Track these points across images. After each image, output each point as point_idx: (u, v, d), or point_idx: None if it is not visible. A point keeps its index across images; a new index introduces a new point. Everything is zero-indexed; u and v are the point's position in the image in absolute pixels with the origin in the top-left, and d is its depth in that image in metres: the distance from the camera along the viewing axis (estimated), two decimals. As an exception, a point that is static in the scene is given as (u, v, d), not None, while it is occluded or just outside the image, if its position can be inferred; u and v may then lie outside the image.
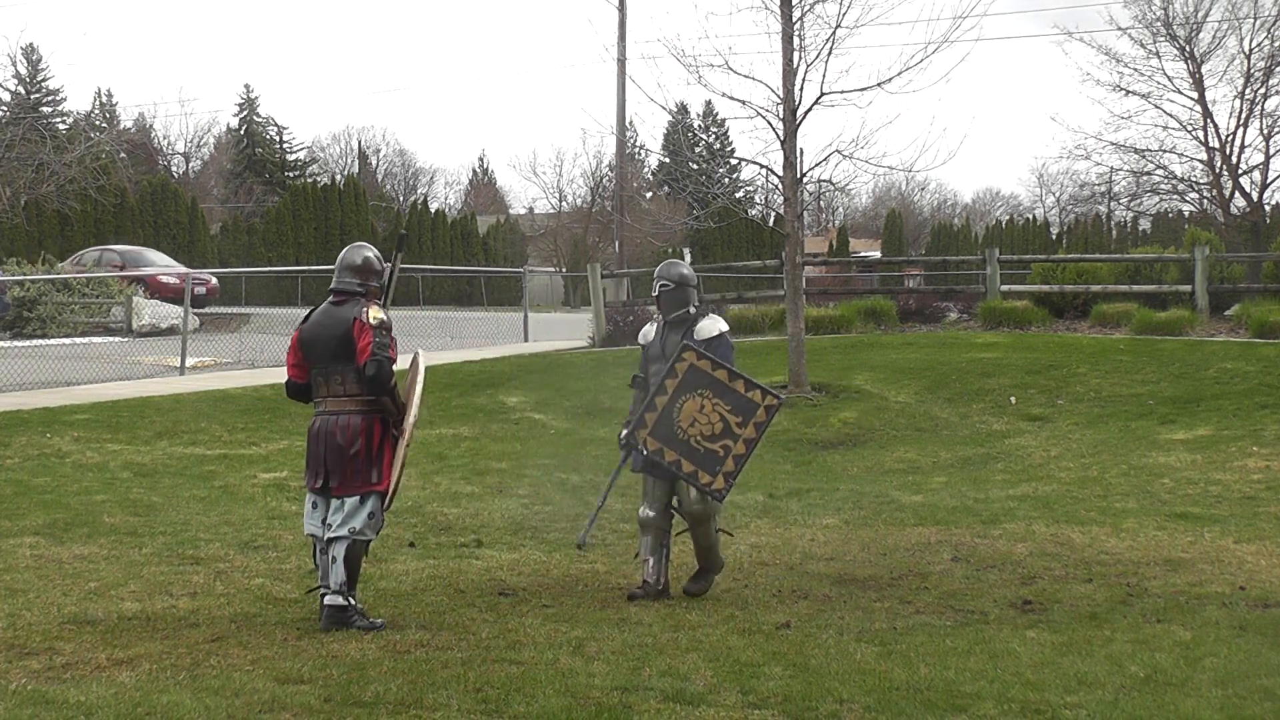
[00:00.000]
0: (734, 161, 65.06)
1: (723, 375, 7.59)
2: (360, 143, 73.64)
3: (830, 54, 15.67)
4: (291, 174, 66.33)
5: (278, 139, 69.31)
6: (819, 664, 6.15)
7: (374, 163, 73.27)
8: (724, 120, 69.02)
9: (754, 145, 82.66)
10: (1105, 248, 49.64)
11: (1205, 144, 29.01)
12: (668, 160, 51.76)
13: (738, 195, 50.74)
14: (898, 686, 5.77)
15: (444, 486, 11.58)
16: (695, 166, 46.84)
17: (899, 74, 15.75)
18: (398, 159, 75.40)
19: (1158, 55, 28.81)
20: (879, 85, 15.75)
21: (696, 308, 7.90)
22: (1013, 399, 15.19)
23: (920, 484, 11.87)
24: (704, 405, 7.56)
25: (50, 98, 61.44)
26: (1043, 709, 5.51)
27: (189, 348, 19.42)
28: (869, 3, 20.39)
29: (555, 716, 5.36)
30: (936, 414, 14.86)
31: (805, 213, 31.50)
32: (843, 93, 15.78)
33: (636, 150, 58.58)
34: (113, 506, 10.31)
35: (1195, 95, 28.79)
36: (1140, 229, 55.33)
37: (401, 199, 68.65)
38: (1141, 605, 7.45)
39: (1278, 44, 28.12)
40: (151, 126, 68.12)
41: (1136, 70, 28.82)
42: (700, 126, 70.58)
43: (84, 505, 10.31)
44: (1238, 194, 29.55)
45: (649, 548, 7.78)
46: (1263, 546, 8.99)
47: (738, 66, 15.89)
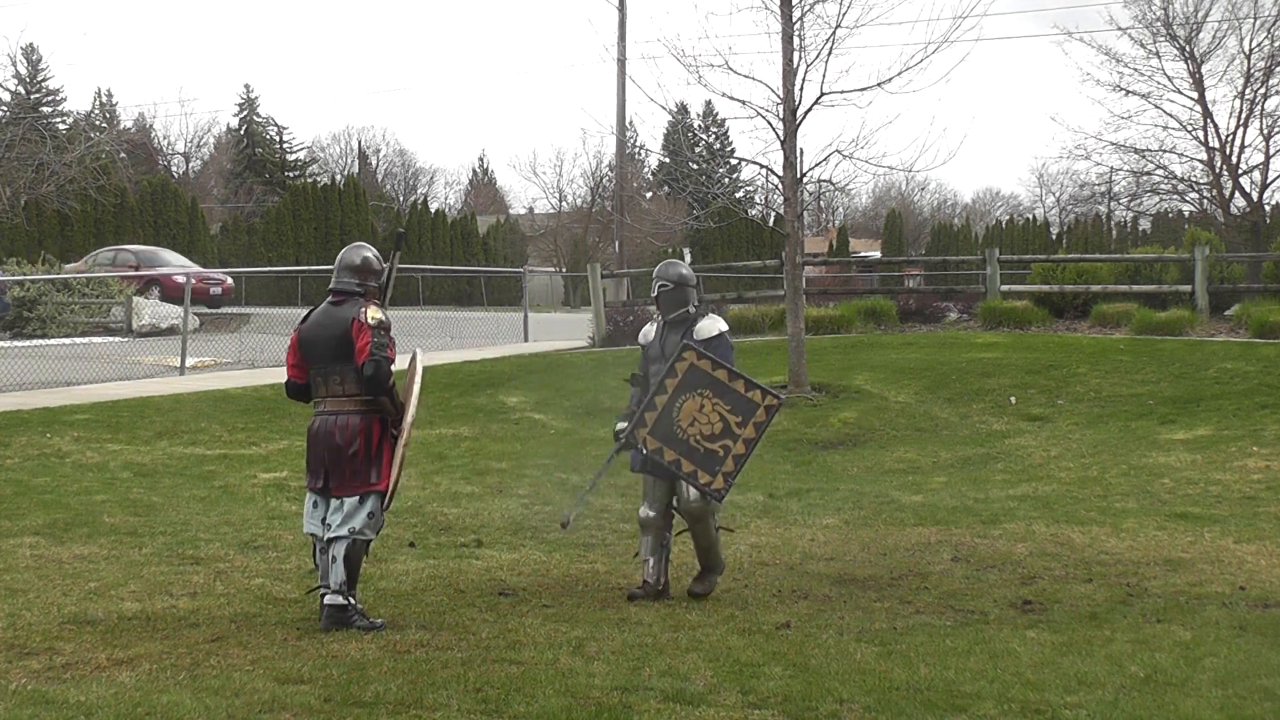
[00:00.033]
0: (734, 161, 65.09)
1: (723, 375, 7.59)
2: (360, 143, 73.76)
3: (830, 54, 15.70)
4: (291, 174, 66.33)
5: (278, 139, 69.31)
6: (819, 664, 6.15)
7: (374, 163, 73.28)
8: (724, 120, 69.08)
9: (754, 145, 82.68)
10: (1105, 248, 49.64)
11: (1205, 144, 29.02)
12: (668, 160, 51.76)
13: (738, 195, 50.71)
14: (898, 686, 5.78)
15: (444, 486, 11.58)
16: (695, 166, 46.83)
17: (899, 74, 15.79)
18: (398, 159, 75.52)
19: (1158, 55, 28.85)
20: (879, 85, 15.77)
21: (696, 307, 7.90)
22: (1013, 399, 15.20)
23: (920, 484, 11.87)
24: (704, 405, 7.56)
25: (50, 98, 61.45)
26: (1043, 709, 5.51)
27: (189, 348, 19.43)
28: (869, 3, 20.41)
29: (555, 716, 5.36)
30: (936, 414, 14.86)
31: (805, 213, 31.49)
32: (843, 93, 15.80)
33: (636, 150, 58.62)
34: (113, 506, 10.31)
35: (1195, 95, 28.80)
36: (1140, 229, 55.34)
37: (401, 199, 68.65)
38: (1141, 605, 7.45)
39: (1278, 44, 28.15)
40: (151, 126, 68.23)
41: (1136, 70, 28.86)
42: (700, 126, 70.57)
43: (84, 505, 10.31)
44: (1238, 194, 29.56)
45: (649, 548, 7.79)
46: (1263, 546, 8.99)
47: (738, 66, 15.93)
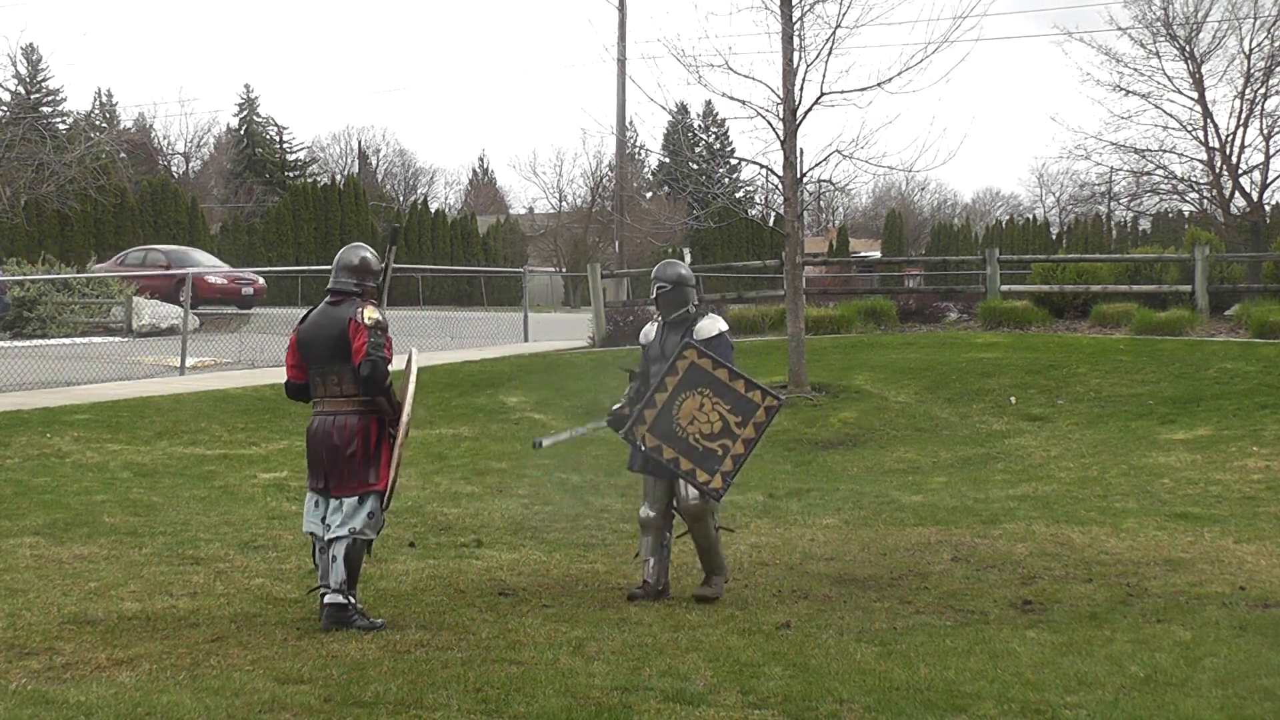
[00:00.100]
0: (734, 161, 65.16)
1: (723, 374, 7.59)
2: (360, 143, 73.78)
3: (830, 54, 15.70)
4: (291, 174, 66.32)
5: (278, 139, 69.31)
6: (819, 664, 6.15)
7: (374, 163, 73.29)
8: (724, 120, 69.11)
9: (754, 145, 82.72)
10: (1105, 248, 49.66)
11: (1205, 144, 29.01)
12: (668, 160, 51.77)
13: (738, 195, 50.75)
14: (898, 686, 5.77)
15: (444, 486, 11.58)
16: (695, 166, 46.87)
17: (899, 74, 15.79)
18: (398, 159, 75.54)
19: (1158, 55, 28.84)
20: (879, 85, 15.77)
21: (696, 307, 7.90)
22: (1013, 399, 15.19)
23: (920, 484, 11.87)
24: (703, 404, 7.56)
25: (50, 98, 61.45)
26: (1043, 709, 5.51)
27: (189, 348, 19.42)
28: (869, 3, 20.46)
29: (555, 716, 5.36)
30: (936, 414, 14.86)
31: (805, 213, 31.49)
32: (843, 93, 15.81)
33: (636, 150, 58.63)
34: (113, 506, 10.31)
35: (1195, 95, 28.79)
36: (1140, 229, 55.35)
37: (401, 199, 68.64)
38: (1141, 605, 7.45)
39: (1278, 44, 28.14)
40: (151, 126, 68.25)
41: (1136, 70, 28.85)
42: (700, 126, 70.58)
43: (84, 505, 10.31)
44: (1238, 194, 29.55)
45: (649, 548, 7.78)
46: (1263, 546, 8.99)
47: (738, 66, 15.94)
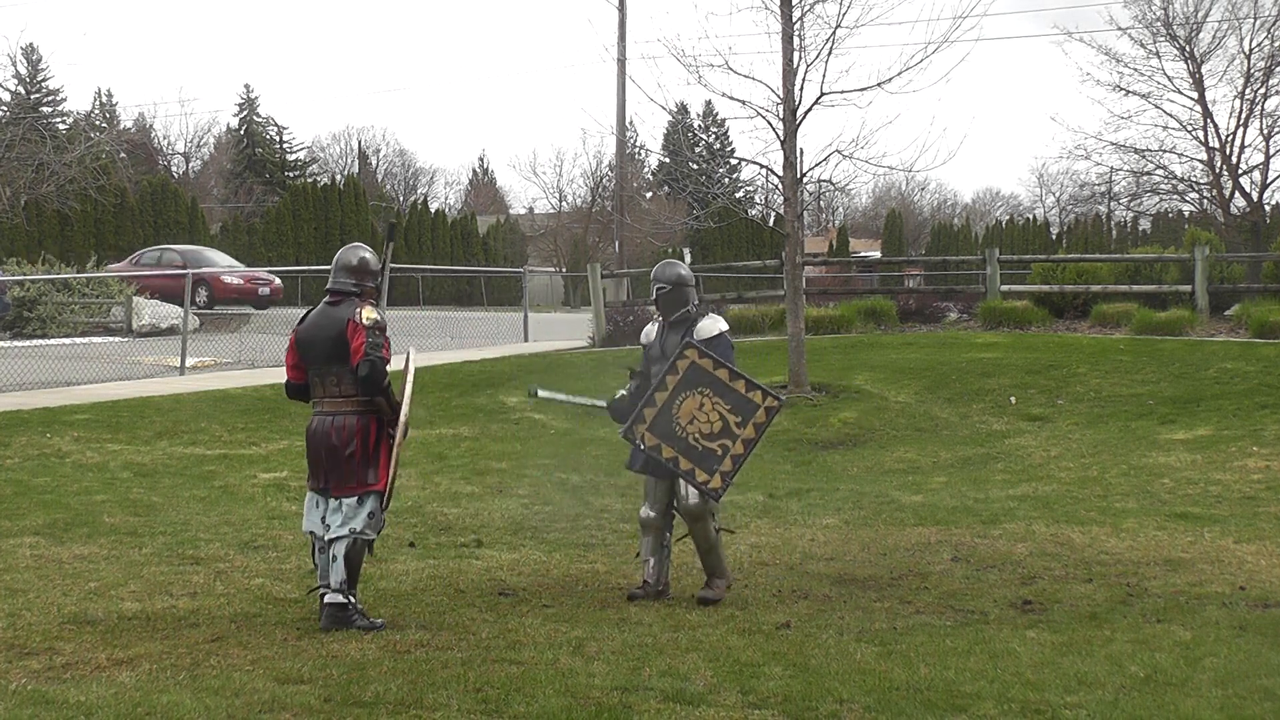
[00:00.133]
0: (734, 161, 65.17)
1: (724, 375, 7.58)
2: (360, 143, 73.77)
3: (830, 54, 15.71)
4: (291, 174, 66.31)
5: (278, 139, 69.30)
6: (819, 664, 6.15)
7: (374, 163, 73.30)
8: (724, 120, 69.14)
9: (754, 145, 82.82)
10: (1105, 248, 49.65)
11: (1205, 144, 29.01)
12: (668, 160, 51.77)
13: (738, 195, 50.76)
14: (898, 686, 5.77)
15: (444, 486, 11.57)
16: (695, 166, 46.88)
17: (899, 74, 15.80)
18: (398, 159, 75.55)
19: (1158, 55, 28.83)
20: (879, 85, 15.78)
21: (696, 306, 7.89)
22: (1013, 399, 15.19)
23: (920, 484, 11.87)
24: (703, 403, 7.55)
25: (50, 98, 61.44)
26: (1043, 709, 5.51)
27: (189, 348, 19.42)
28: (869, 3, 20.49)
29: (555, 716, 5.36)
30: (936, 414, 14.86)
31: (805, 213, 31.49)
32: (843, 93, 15.81)
33: (636, 150, 58.63)
34: (113, 506, 10.31)
35: (1195, 95, 28.79)
36: (1140, 229, 55.33)
37: (401, 199, 68.64)
38: (1141, 605, 7.45)
39: (1278, 44, 28.13)
40: (151, 126, 68.22)
41: (1136, 70, 28.85)
42: (700, 126, 70.58)
43: (84, 505, 10.31)
44: (1238, 194, 29.55)
45: (649, 548, 7.78)
46: (1263, 546, 8.99)
47: (738, 66, 15.94)
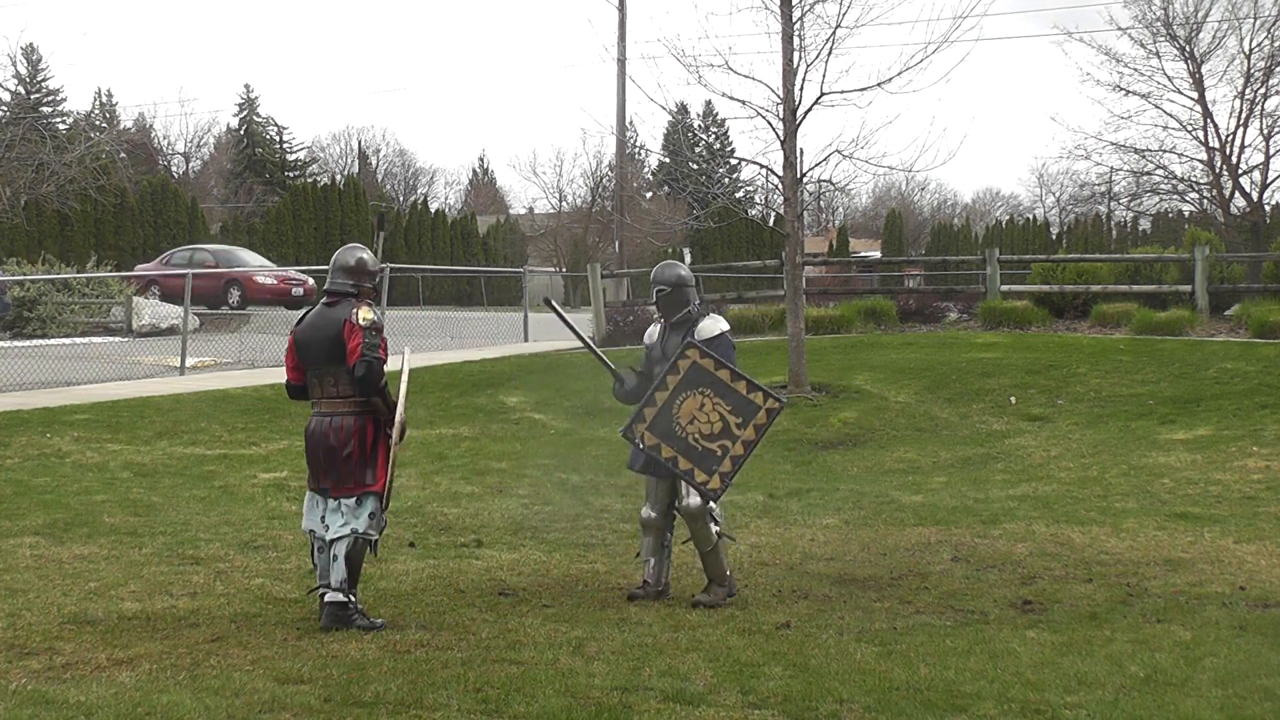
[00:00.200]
0: (734, 161, 65.15)
1: (725, 375, 7.58)
2: (360, 143, 73.79)
3: (830, 54, 15.70)
4: (291, 174, 66.32)
5: (278, 139, 69.32)
6: (819, 664, 6.15)
7: (374, 163, 73.30)
8: (724, 120, 69.16)
9: (754, 145, 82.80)
10: (1105, 248, 49.67)
11: (1205, 144, 29.02)
12: (668, 160, 51.78)
13: (738, 195, 50.74)
14: (898, 686, 5.77)
15: (444, 486, 11.57)
16: (695, 166, 46.87)
17: (899, 74, 15.79)
18: (398, 159, 75.56)
19: (1158, 55, 28.85)
20: (879, 85, 15.77)
21: (697, 307, 7.89)
22: (1013, 399, 15.19)
23: (920, 484, 11.86)
24: (704, 404, 7.55)
25: (50, 98, 61.44)
26: (1043, 709, 5.51)
27: (189, 348, 19.42)
28: (869, 3, 20.51)
29: (555, 716, 5.36)
30: (936, 414, 14.86)
31: (805, 213, 31.49)
32: (843, 93, 15.81)
33: (636, 150, 58.62)
34: (113, 506, 10.31)
35: (1195, 95, 28.80)
36: (1140, 229, 55.35)
37: (401, 199, 68.64)
38: (1141, 605, 7.45)
39: (1278, 44, 28.14)
40: (151, 126, 68.22)
41: (1136, 70, 28.86)
42: (700, 126, 70.59)
43: (84, 505, 10.31)
44: (1238, 194, 29.56)
45: (650, 548, 7.78)
46: (1263, 546, 8.99)
47: (738, 66, 15.94)
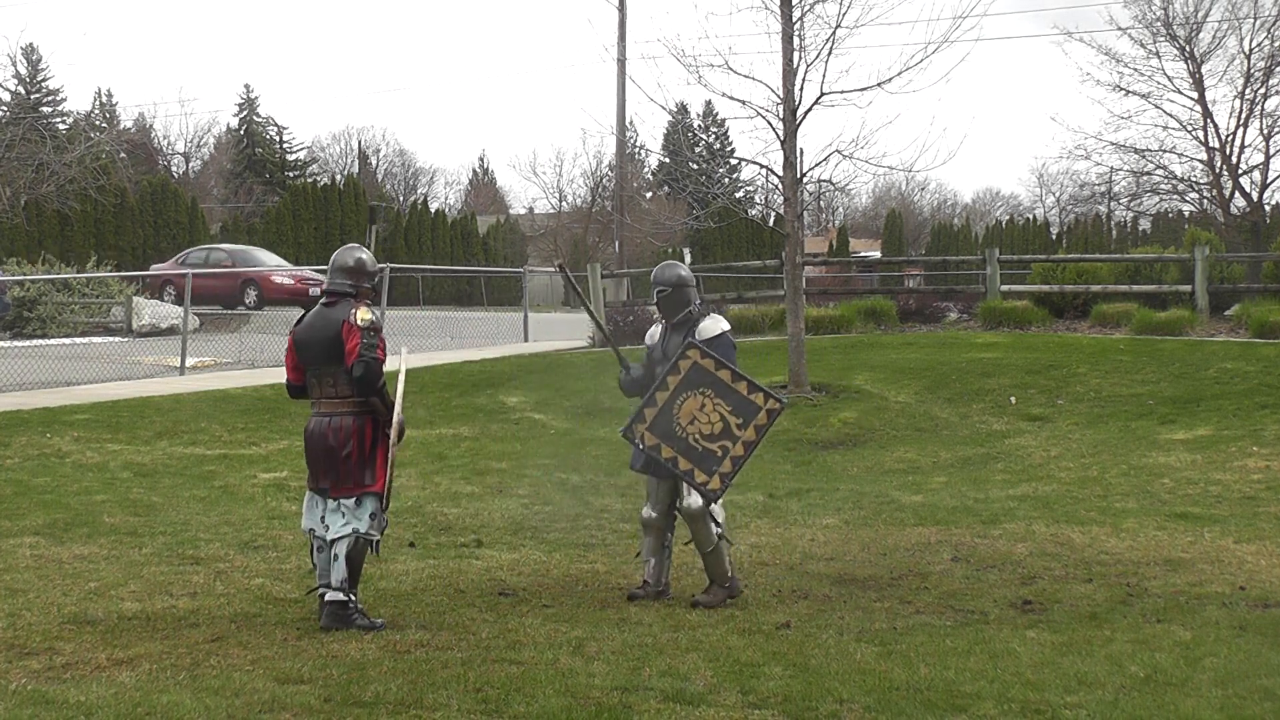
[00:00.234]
0: (734, 161, 65.07)
1: (726, 376, 7.57)
2: (360, 143, 73.76)
3: (830, 54, 15.70)
4: (291, 174, 66.31)
5: (278, 139, 69.31)
6: (819, 664, 6.15)
7: (374, 163, 73.29)
8: (724, 120, 69.17)
9: (754, 145, 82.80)
10: (1105, 248, 49.67)
11: (1205, 144, 29.01)
12: (668, 160, 51.77)
13: (738, 195, 50.71)
14: (898, 686, 5.78)
15: (444, 486, 11.57)
16: (695, 166, 46.89)
17: (899, 74, 15.78)
18: (398, 159, 75.54)
19: (1158, 55, 28.84)
20: (879, 85, 15.77)
21: (698, 307, 7.89)
22: (1013, 399, 15.19)
23: (920, 484, 11.86)
24: (704, 404, 7.55)
25: (50, 98, 61.44)
26: (1043, 709, 5.51)
27: (189, 348, 19.42)
28: (869, 3, 20.47)
29: (555, 716, 5.37)
30: (936, 414, 14.86)
31: (805, 213, 31.50)
32: (843, 93, 15.80)
33: (636, 150, 58.63)
34: (113, 506, 10.31)
35: (1195, 95, 28.80)
36: (1140, 229, 55.35)
37: (401, 199, 68.63)
38: (1141, 605, 7.45)
39: (1278, 44, 28.14)
40: (151, 126, 68.24)
41: (1136, 70, 28.86)
42: (700, 126, 70.59)
43: (84, 505, 10.31)
44: (1238, 194, 29.56)
45: (650, 548, 7.78)
46: (1263, 546, 8.99)
47: (738, 66, 15.93)
